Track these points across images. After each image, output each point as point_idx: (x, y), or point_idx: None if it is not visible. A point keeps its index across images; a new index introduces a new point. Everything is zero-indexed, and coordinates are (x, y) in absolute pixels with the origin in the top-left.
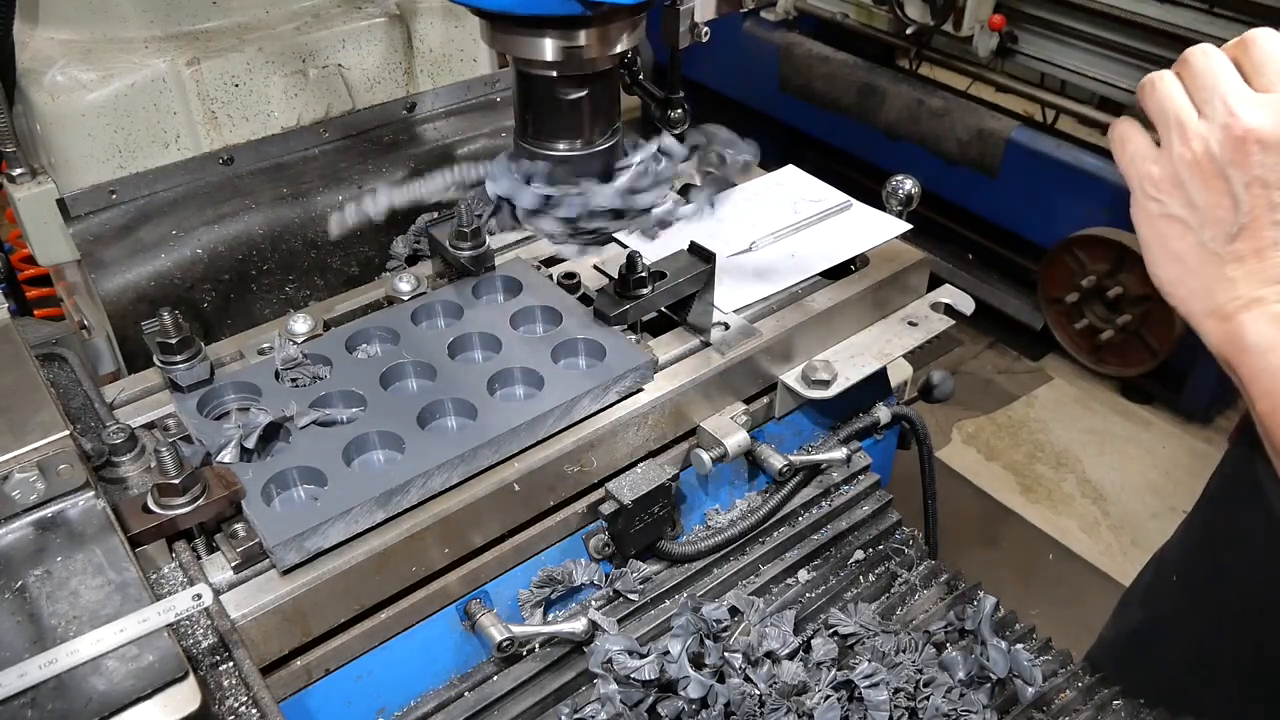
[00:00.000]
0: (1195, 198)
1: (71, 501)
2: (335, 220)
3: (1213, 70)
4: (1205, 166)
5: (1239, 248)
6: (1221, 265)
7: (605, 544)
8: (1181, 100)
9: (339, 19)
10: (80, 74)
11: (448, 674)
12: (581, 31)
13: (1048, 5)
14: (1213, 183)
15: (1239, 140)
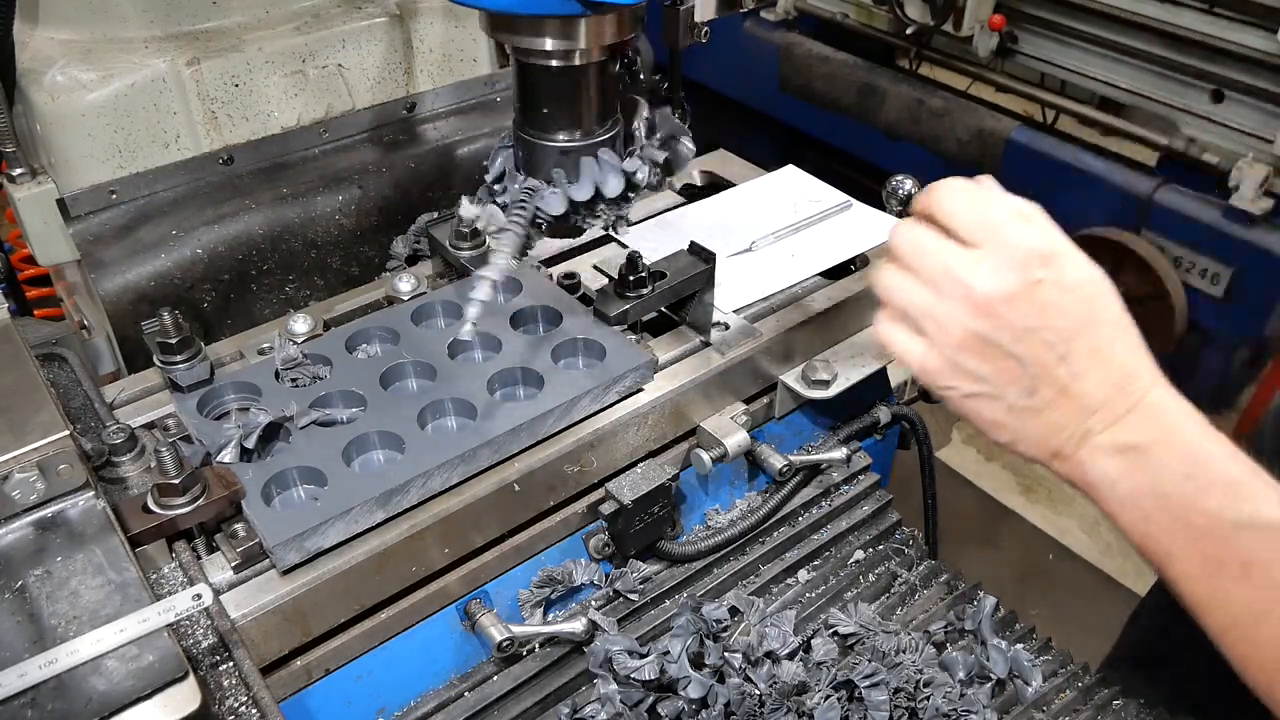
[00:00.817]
0: (980, 372)
1: (71, 501)
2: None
3: (925, 251)
4: (971, 343)
5: (1043, 396)
6: (1038, 415)
7: (605, 544)
8: (916, 293)
9: (339, 19)
10: (80, 74)
11: (448, 674)
12: (581, 22)
13: (1048, 5)
14: (987, 353)
15: (984, 308)
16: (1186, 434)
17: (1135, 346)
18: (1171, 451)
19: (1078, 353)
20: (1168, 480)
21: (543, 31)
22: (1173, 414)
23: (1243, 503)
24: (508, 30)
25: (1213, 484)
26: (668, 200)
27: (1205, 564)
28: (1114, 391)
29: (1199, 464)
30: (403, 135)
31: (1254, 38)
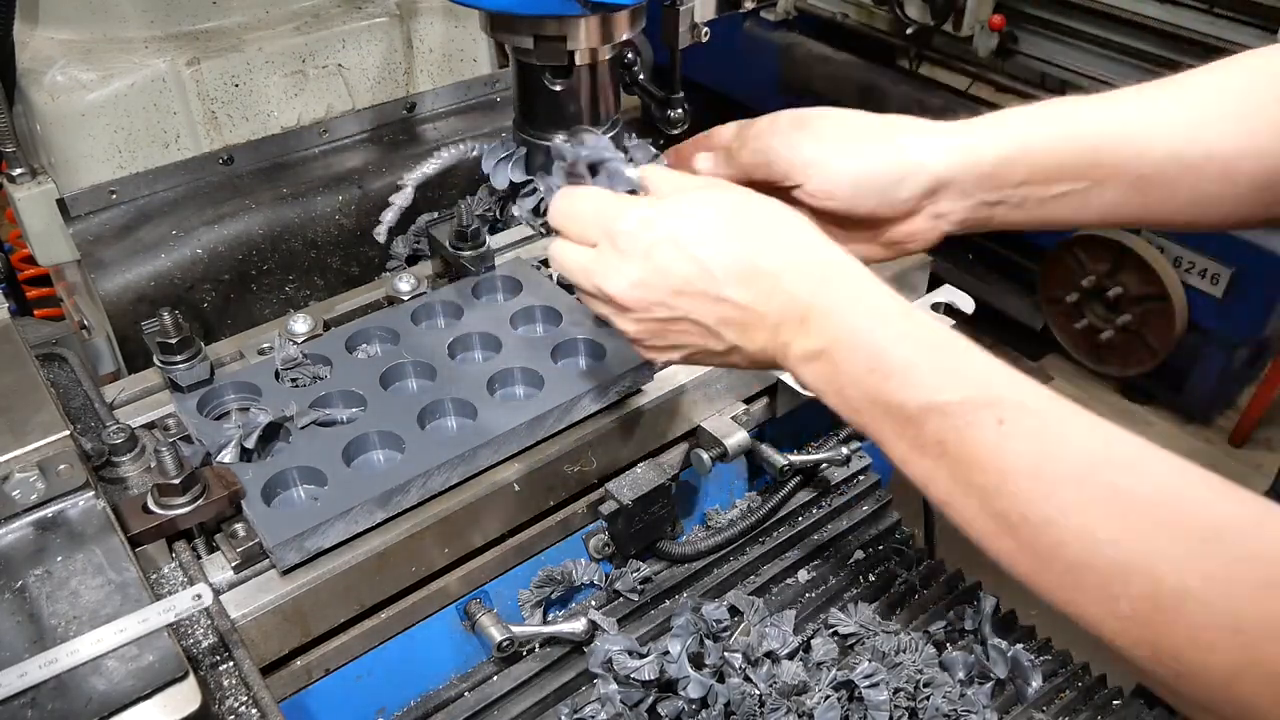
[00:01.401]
0: (675, 343)
1: (71, 501)
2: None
3: (570, 271)
4: (646, 329)
5: (732, 332)
6: (743, 349)
7: (605, 544)
8: (590, 303)
9: (339, 19)
10: (80, 74)
11: (448, 674)
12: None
13: (1048, 5)
14: (663, 329)
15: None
16: (862, 328)
17: (794, 246)
18: (852, 349)
19: (731, 283)
20: (856, 377)
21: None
22: (848, 310)
23: (922, 385)
24: (508, 30)
25: (892, 373)
26: None
27: (910, 448)
28: (785, 303)
29: (877, 356)
30: (403, 135)
31: (1254, 38)
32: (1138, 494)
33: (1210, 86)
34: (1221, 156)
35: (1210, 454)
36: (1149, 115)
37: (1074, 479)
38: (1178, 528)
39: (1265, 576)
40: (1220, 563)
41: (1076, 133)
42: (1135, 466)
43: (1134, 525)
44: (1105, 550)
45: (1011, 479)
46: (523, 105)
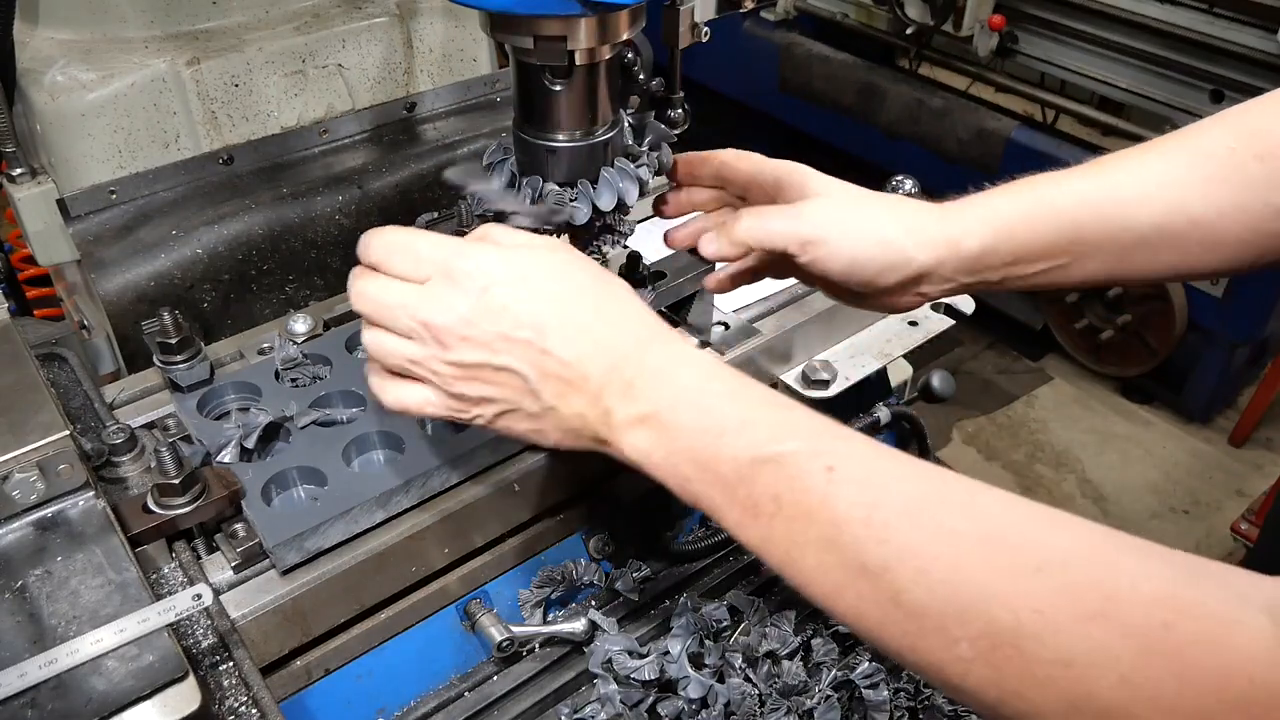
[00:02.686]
0: (486, 394)
1: (71, 501)
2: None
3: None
4: (462, 372)
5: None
6: (559, 411)
7: (605, 544)
8: (399, 346)
9: (339, 19)
10: (80, 74)
11: (448, 674)
12: (582, 22)
13: (1048, 5)
14: (480, 374)
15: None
16: (693, 389)
17: (622, 313)
18: (683, 409)
19: (560, 339)
20: (689, 438)
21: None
22: (677, 371)
23: (755, 439)
24: (508, 30)
25: (726, 430)
26: None
27: (744, 509)
28: (612, 364)
29: (710, 414)
30: (403, 135)
31: (1254, 38)
32: (968, 532)
33: (1188, 151)
34: (1205, 220)
35: (1210, 454)
36: (1129, 188)
37: (905, 522)
38: (1008, 563)
39: (1090, 608)
40: (1048, 595)
41: (1057, 211)
42: (964, 505)
43: (966, 563)
44: (941, 590)
45: (846, 527)
46: (523, 105)
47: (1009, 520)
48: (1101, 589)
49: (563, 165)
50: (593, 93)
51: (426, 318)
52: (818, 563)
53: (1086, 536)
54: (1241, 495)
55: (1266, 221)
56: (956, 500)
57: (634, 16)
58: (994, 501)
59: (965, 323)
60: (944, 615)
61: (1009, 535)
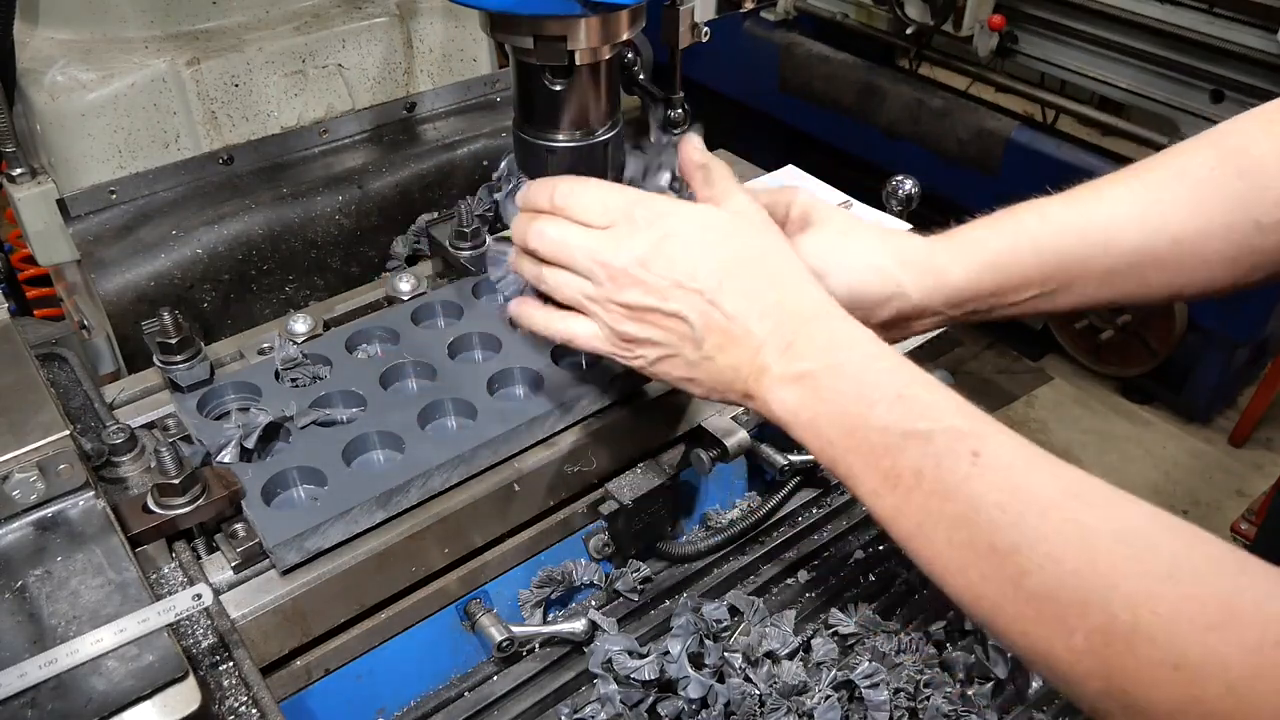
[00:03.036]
0: (651, 337)
1: (71, 501)
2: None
3: (569, 245)
4: (632, 315)
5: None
6: (714, 362)
7: (605, 544)
8: (575, 283)
9: (339, 19)
10: (80, 74)
11: (448, 674)
12: (582, 22)
13: (1048, 5)
14: (648, 318)
15: (628, 276)
16: (854, 356)
17: (792, 276)
18: (842, 374)
19: (730, 293)
20: (841, 402)
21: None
22: (840, 338)
23: (909, 414)
24: (508, 30)
25: (881, 400)
26: None
27: (884, 479)
28: (776, 324)
29: (867, 383)
30: (403, 135)
31: (1254, 38)
32: (1103, 530)
33: (1169, 172)
34: (1188, 240)
35: (1210, 454)
36: (1110, 214)
37: (1042, 511)
38: (1138, 565)
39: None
40: (1171, 602)
41: (1039, 241)
42: (1103, 504)
43: (1097, 559)
44: (1068, 581)
45: (983, 509)
46: (523, 105)
47: (1147, 527)
48: (1225, 602)
49: (563, 165)
50: (593, 93)
51: (607, 259)
52: (948, 539)
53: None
54: (1241, 495)
55: (1252, 238)
56: (1096, 499)
57: (634, 16)
58: (1134, 507)
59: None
60: (1064, 604)
61: (1144, 540)
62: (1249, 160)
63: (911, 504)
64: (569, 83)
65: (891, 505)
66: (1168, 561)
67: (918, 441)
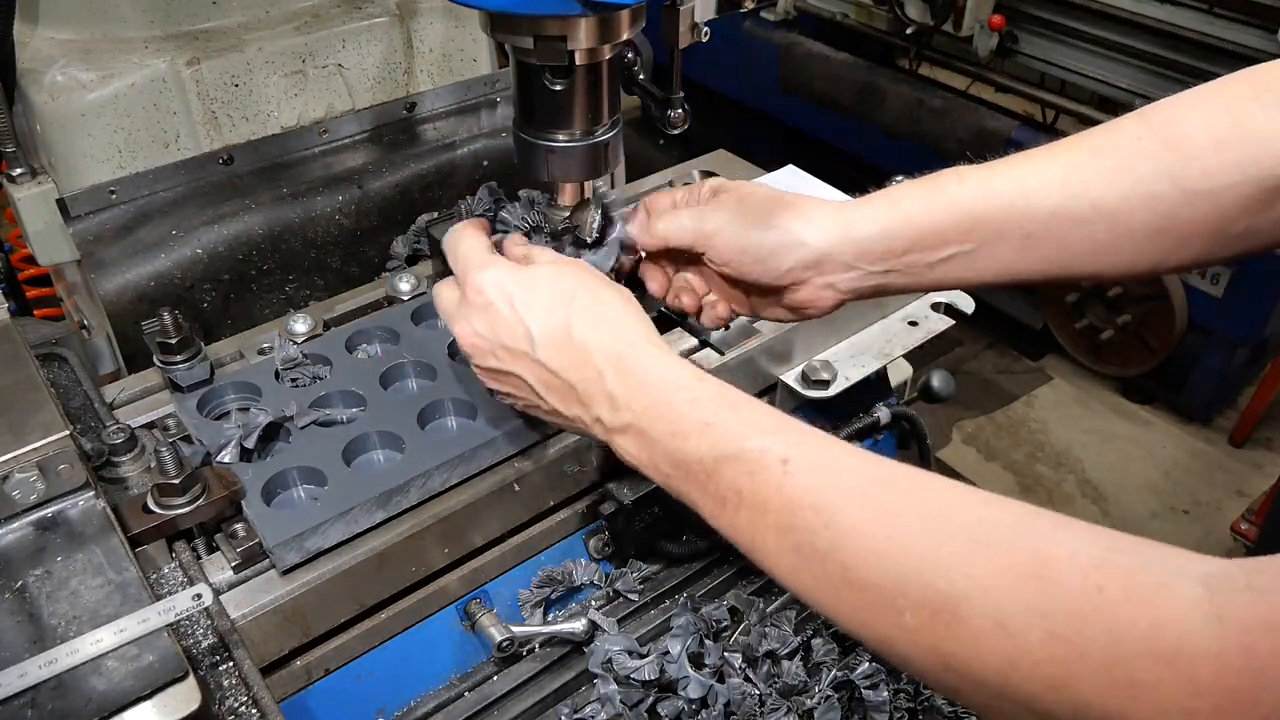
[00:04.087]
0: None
1: (71, 501)
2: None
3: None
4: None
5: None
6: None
7: (605, 544)
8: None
9: (339, 19)
10: (80, 74)
11: (448, 674)
12: (582, 22)
13: (1048, 5)
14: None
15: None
16: (666, 396)
17: (602, 323)
18: (657, 416)
19: (549, 351)
20: (663, 443)
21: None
22: (651, 378)
23: (718, 439)
24: (508, 30)
25: (692, 432)
26: None
27: (715, 502)
28: (594, 377)
29: (677, 418)
30: (403, 135)
31: (1254, 38)
32: (910, 510)
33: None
34: (1108, 208)
35: (1210, 454)
36: (1029, 175)
37: (851, 503)
38: (947, 535)
39: (1024, 570)
40: (985, 563)
41: (956, 199)
42: (908, 487)
43: (908, 537)
44: (883, 565)
45: (799, 513)
46: (523, 105)
47: (951, 500)
48: (1037, 556)
49: (563, 165)
50: (593, 93)
51: (455, 329)
52: (777, 547)
53: (1027, 515)
54: (1241, 495)
55: (1179, 208)
56: (901, 484)
57: (634, 16)
58: (939, 485)
59: (965, 323)
60: (888, 588)
61: (950, 513)
62: (1176, 133)
63: (740, 520)
64: (569, 83)
65: (727, 524)
66: (974, 529)
67: (730, 463)
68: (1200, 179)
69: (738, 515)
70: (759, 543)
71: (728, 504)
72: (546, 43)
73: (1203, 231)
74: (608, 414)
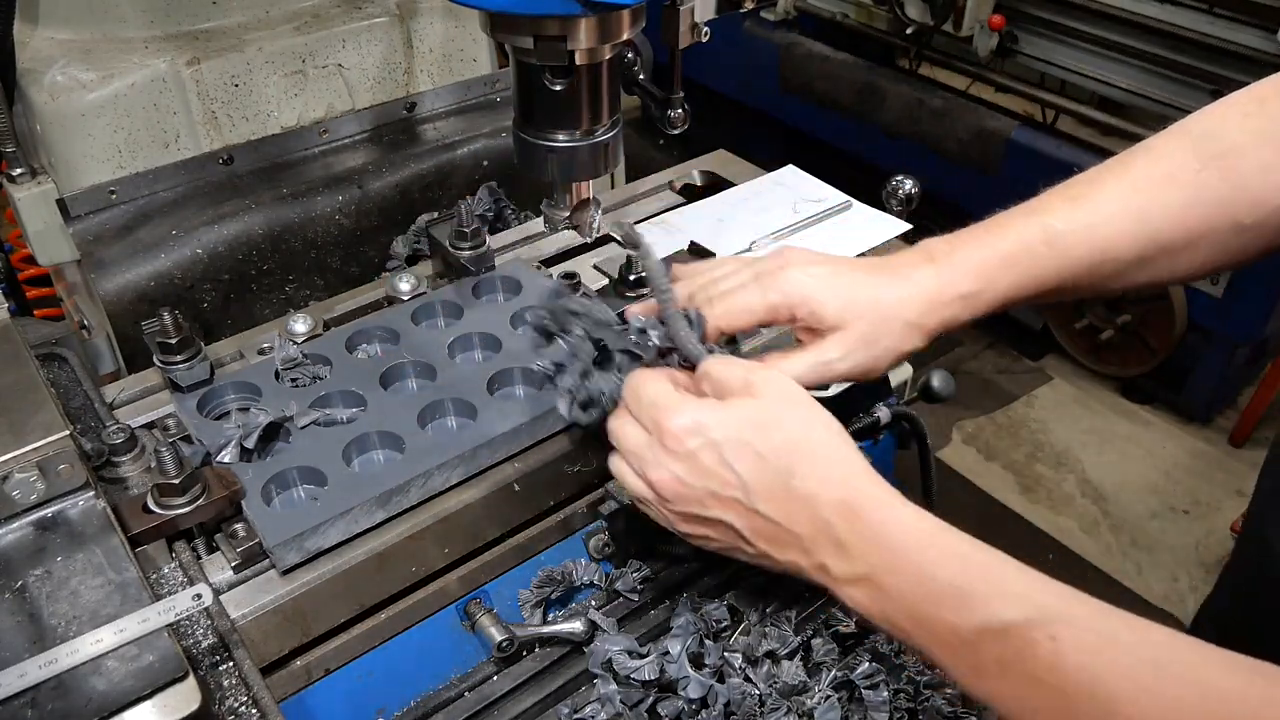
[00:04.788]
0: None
1: (71, 501)
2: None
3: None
4: (685, 520)
5: (763, 544)
6: (774, 559)
7: (605, 544)
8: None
9: (339, 19)
10: (80, 74)
11: (448, 674)
12: (582, 22)
13: (1048, 5)
14: (699, 524)
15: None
16: (909, 552)
17: (828, 470)
18: (899, 573)
19: (764, 498)
20: (906, 601)
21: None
22: (890, 530)
23: (975, 610)
24: (508, 30)
25: (944, 597)
26: (668, 200)
27: (970, 670)
28: (823, 525)
29: (925, 579)
30: (403, 135)
31: (1254, 38)
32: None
33: (1158, 173)
34: (1175, 246)
35: (1210, 454)
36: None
37: (1131, 692)
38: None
39: None
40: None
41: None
42: (1190, 673)
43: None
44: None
45: (1074, 699)
46: (523, 105)
47: (1232, 687)
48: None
49: (563, 165)
50: (593, 92)
51: (649, 475)
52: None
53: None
54: (1241, 495)
55: (1229, 240)
56: (1177, 665)
57: (634, 16)
58: (1221, 667)
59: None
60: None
61: (1234, 704)
62: (1228, 164)
63: (1003, 690)
64: (569, 82)
65: (984, 692)
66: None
67: (992, 637)
68: (1253, 208)
69: (1000, 685)
70: (1026, 712)
71: (987, 674)
72: (546, 43)
73: (1244, 256)
74: (835, 563)
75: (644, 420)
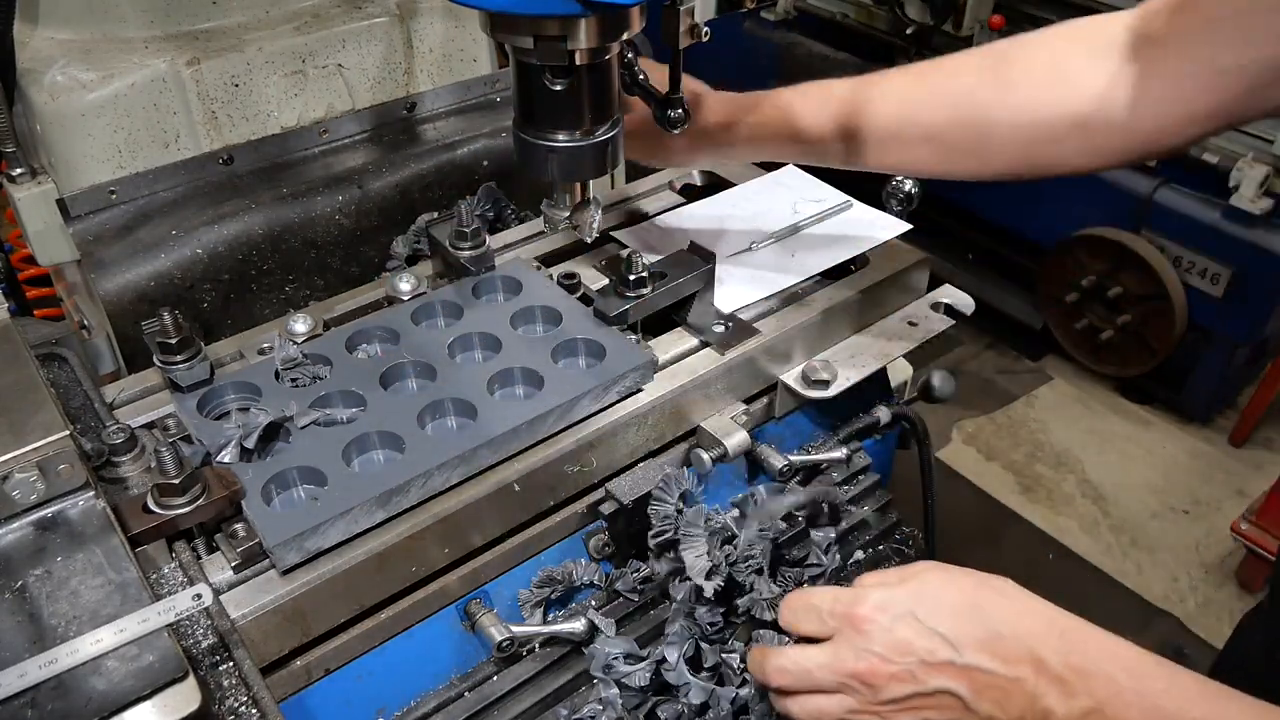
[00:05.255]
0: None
1: (71, 501)
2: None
3: (797, 668)
4: (901, 706)
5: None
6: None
7: (605, 544)
8: (824, 703)
9: (339, 19)
10: (80, 74)
11: (448, 674)
12: (582, 22)
13: (1048, 5)
14: (917, 703)
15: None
16: (1128, 685)
17: (1023, 609)
18: (1126, 703)
19: (976, 652)
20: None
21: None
22: (1105, 668)
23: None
24: (508, 30)
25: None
26: (668, 200)
27: None
28: (1037, 667)
29: (1152, 711)
30: (403, 135)
31: None
32: None
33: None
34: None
35: (1210, 454)
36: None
37: None
38: None
39: None
40: None
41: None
42: None
43: None
44: None
45: None
46: (523, 105)
47: None
48: None
49: (563, 165)
50: (593, 92)
51: (851, 668)
52: None
53: None
54: (1241, 495)
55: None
56: None
57: (634, 17)
58: None
59: (965, 323)
60: None
61: None
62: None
63: None
64: (569, 82)
65: None
66: None
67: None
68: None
69: None
70: None
71: None
72: (546, 43)
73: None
74: (1059, 702)
75: (826, 624)
